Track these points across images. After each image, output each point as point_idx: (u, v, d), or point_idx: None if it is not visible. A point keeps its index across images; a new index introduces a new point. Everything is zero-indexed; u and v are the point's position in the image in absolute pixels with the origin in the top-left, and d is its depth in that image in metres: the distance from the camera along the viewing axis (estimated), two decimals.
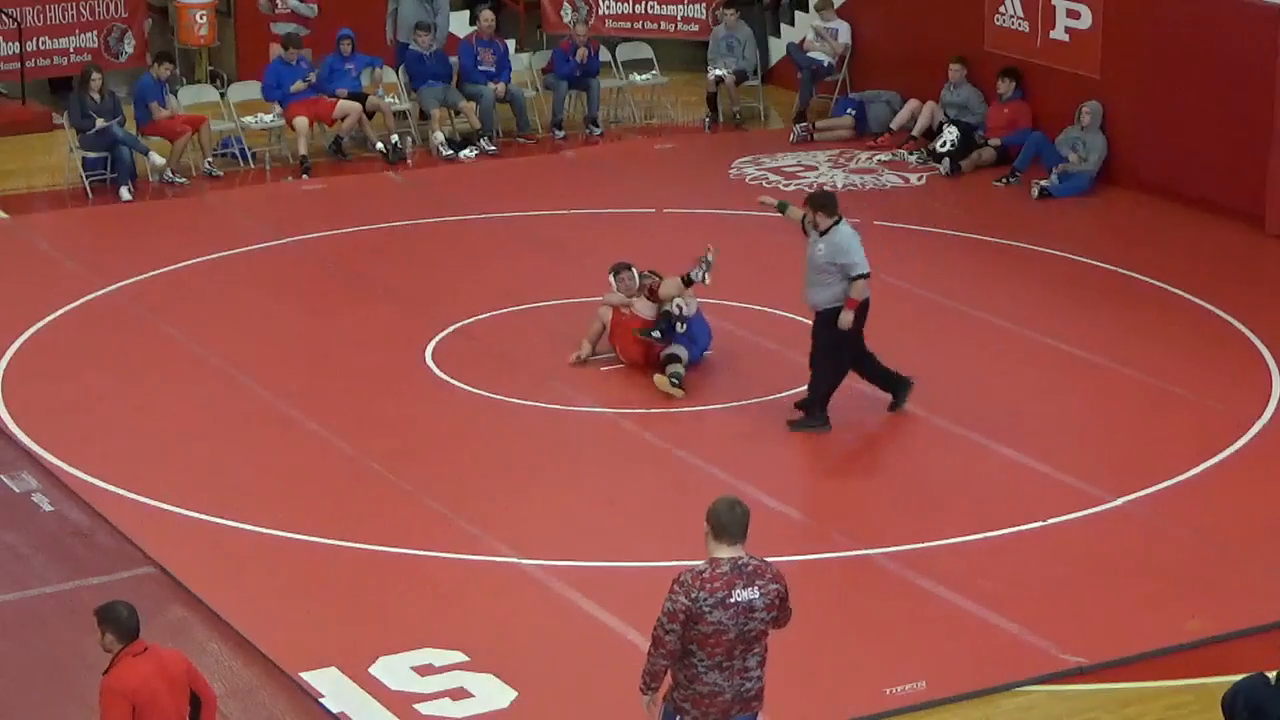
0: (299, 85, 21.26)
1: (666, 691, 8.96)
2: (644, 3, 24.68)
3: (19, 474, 13.66)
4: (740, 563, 8.71)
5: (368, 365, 15.73)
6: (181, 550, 12.55)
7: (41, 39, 22.78)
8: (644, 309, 15.32)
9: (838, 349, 14.31)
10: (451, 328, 16.29)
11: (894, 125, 22.23)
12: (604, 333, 15.54)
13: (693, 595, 8.64)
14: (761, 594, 8.70)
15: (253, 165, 21.26)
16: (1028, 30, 21.17)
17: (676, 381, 14.91)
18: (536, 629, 11.60)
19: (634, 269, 15.53)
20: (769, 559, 8.97)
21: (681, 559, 11.94)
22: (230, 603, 11.80)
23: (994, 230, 19.06)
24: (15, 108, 22.77)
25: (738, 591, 8.66)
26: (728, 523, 8.73)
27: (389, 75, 22.36)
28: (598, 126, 22.68)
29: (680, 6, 24.56)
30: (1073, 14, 20.67)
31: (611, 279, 15.51)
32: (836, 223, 14.15)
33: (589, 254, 17.30)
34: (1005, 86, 21.03)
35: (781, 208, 15.06)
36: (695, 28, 24.53)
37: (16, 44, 22.50)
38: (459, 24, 23.58)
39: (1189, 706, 10.82)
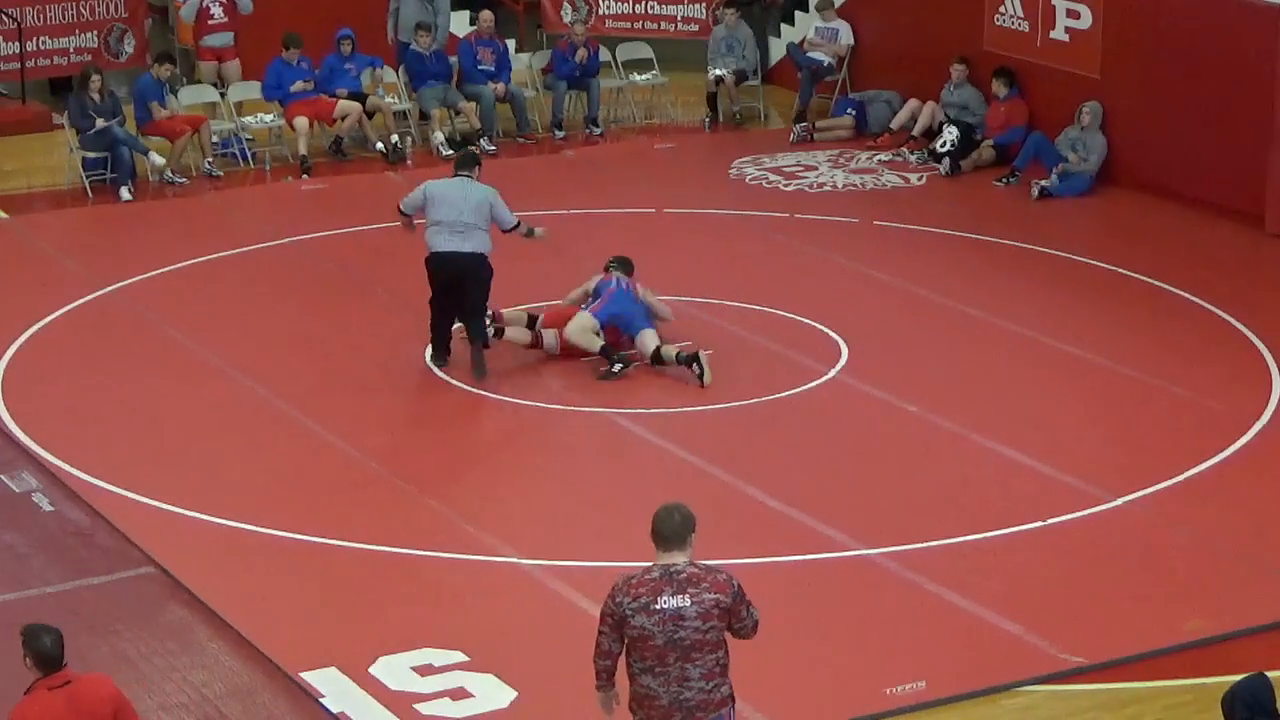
0: (299, 85, 21.28)
1: None
2: (644, 3, 24.70)
3: (19, 474, 13.66)
4: (673, 570, 8.60)
5: (368, 365, 15.73)
6: (181, 550, 12.55)
7: (41, 39, 22.79)
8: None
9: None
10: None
11: (894, 125, 22.23)
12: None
13: (618, 599, 8.62)
14: (693, 603, 8.57)
15: (253, 165, 21.27)
16: (1028, 30, 21.18)
17: (619, 365, 15.33)
18: (536, 629, 11.60)
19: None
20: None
21: None
22: (230, 603, 11.80)
23: (994, 230, 19.06)
24: (15, 108, 22.78)
25: (664, 599, 8.56)
26: (662, 528, 8.66)
27: (389, 75, 22.37)
28: (598, 126, 22.69)
29: (680, 6, 24.58)
30: (1073, 14, 20.67)
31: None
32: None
33: (589, 254, 17.28)
34: (999, 87, 21.04)
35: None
36: (695, 28, 24.55)
37: (16, 44, 22.52)
38: (459, 24, 23.59)
39: (1189, 706, 10.81)
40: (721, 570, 8.73)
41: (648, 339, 15.46)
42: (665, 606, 8.56)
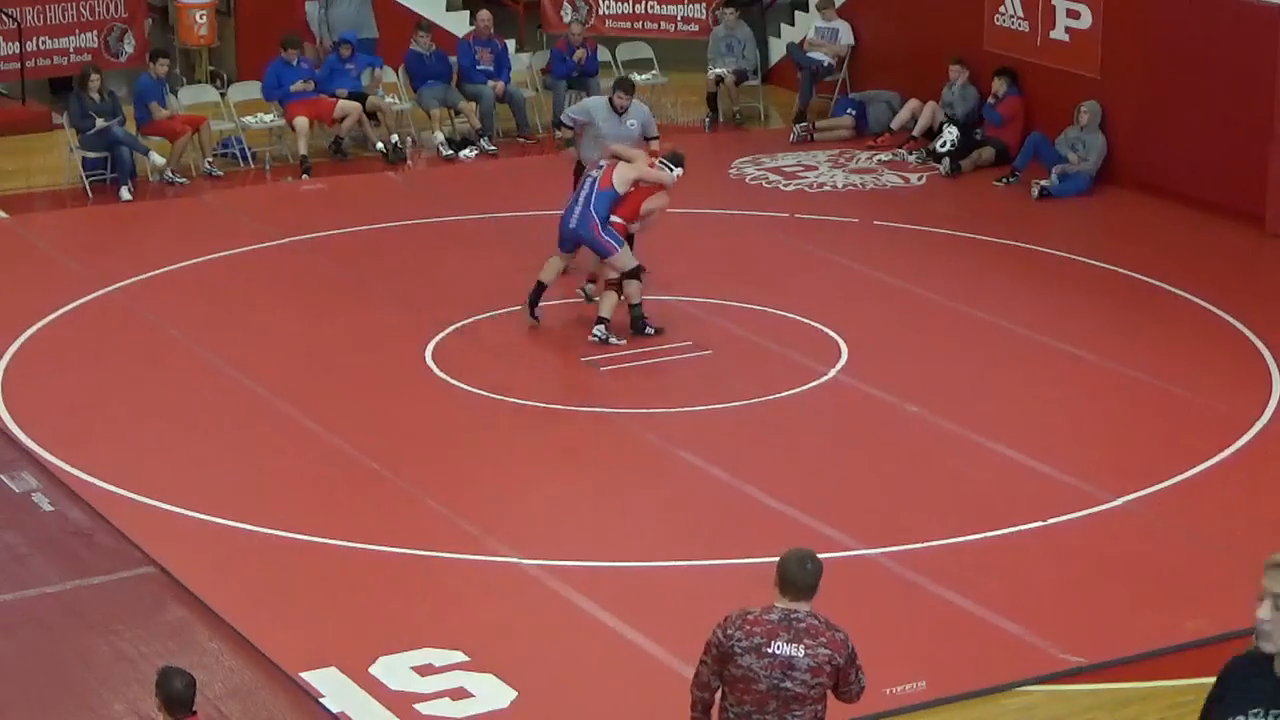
0: (299, 85, 21.28)
1: None
2: (644, 3, 24.69)
3: (19, 474, 13.65)
4: (794, 616, 8.22)
5: (368, 365, 15.73)
6: (181, 550, 12.54)
7: (41, 39, 22.79)
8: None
9: None
10: (451, 328, 16.29)
11: (894, 125, 22.23)
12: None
13: (729, 632, 8.23)
14: (807, 654, 8.18)
15: (253, 165, 21.27)
16: (1028, 30, 21.18)
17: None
18: (536, 629, 11.60)
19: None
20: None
21: (682, 559, 12.00)
22: (230, 603, 11.79)
23: (994, 230, 19.06)
24: (15, 108, 22.78)
25: (778, 644, 8.18)
26: (793, 577, 8.29)
27: (389, 75, 22.39)
28: None
29: (680, 6, 24.58)
30: (1073, 14, 20.68)
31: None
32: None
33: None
34: (999, 85, 21.04)
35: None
36: (695, 28, 24.55)
37: (16, 44, 22.52)
38: (458, 24, 23.61)
39: (1189, 706, 10.77)
40: (840, 629, 8.36)
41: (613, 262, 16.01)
42: (778, 652, 8.18)
